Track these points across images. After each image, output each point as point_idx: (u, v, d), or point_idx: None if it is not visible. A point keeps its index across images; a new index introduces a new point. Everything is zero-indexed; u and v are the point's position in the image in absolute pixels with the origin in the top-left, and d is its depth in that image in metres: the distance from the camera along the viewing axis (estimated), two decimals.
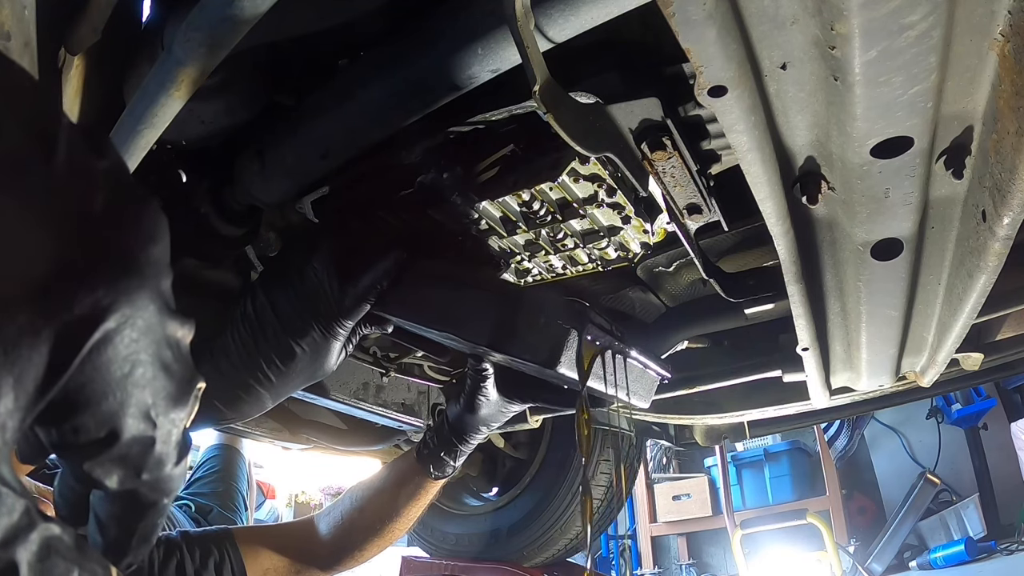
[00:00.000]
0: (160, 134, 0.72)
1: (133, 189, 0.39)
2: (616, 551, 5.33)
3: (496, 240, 0.96)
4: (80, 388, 0.35)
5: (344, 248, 0.93)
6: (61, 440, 0.37)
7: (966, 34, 0.49)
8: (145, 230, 0.38)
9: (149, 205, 0.39)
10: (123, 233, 0.37)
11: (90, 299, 0.34)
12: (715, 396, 1.48)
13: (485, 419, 1.12)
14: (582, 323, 0.80)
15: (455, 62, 0.71)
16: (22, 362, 0.32)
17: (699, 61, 0.52)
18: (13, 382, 0.32)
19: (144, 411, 0.38)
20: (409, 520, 1.25)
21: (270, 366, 0.91)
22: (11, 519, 0.31)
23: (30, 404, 0.33)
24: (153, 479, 0.41)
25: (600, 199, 0.85)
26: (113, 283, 0.35)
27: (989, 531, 3.59)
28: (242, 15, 0.58)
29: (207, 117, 0.84)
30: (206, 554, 1.13)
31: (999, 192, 0.58)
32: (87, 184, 0.36)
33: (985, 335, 1.25)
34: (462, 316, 0.87)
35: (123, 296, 0.36)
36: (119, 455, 0.38)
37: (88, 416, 0.36)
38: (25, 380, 0.32)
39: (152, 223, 0.38)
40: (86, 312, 0.34)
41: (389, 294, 0.91)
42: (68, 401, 0.35)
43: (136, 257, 0.37)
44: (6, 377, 0.31)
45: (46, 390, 0.34)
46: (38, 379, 0.33)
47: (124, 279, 0.36)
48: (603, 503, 1.99)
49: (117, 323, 0.36)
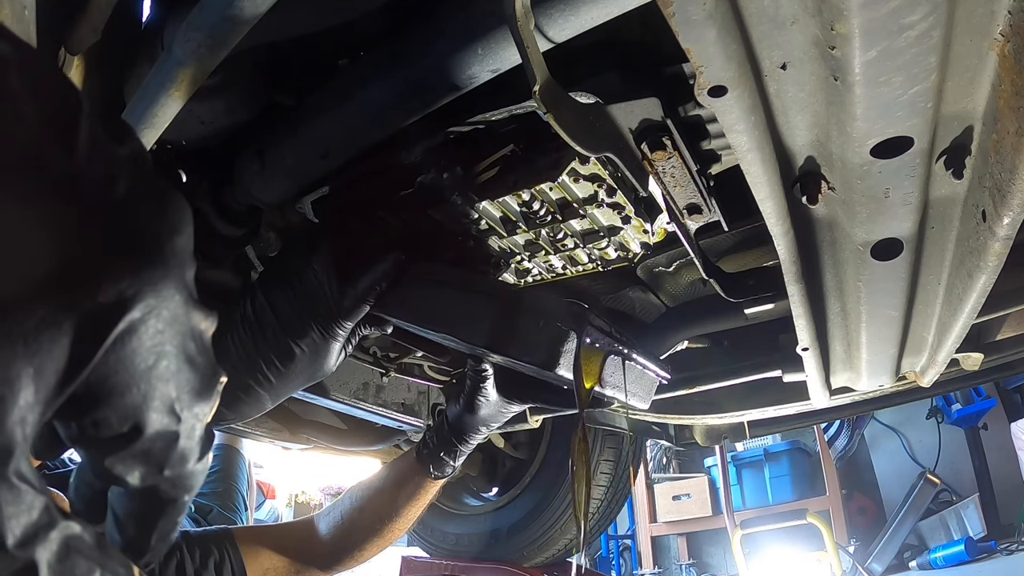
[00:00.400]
0: (160, 134, 0.72)
1: (156, 177, 0.37)
2: (616, 551, 5.33)
3: (496, 240, 0.96)
4: (103, 380, 0.34)
5: (344, 249, 0.93)
6: (81, 434, 0.36)
7: (966, 34, 0.49)
8: (170, 219, 0.37)
9: (173, 194, 0.37)
10: (147, 222, 0.36)
11: (115, 289, 0.33)
12: (715, 396, 1.48)
13: (485, 419, 1.12)
14: (581, 325, 0.80)
15: (455, 62, 0.71)
16: (43, 354, 0.31)
17: (699, 61, 0.52)
18: (33, 374, 0.30)
19: (168, 405, 0.37)
20: (409, 520, 1.25)
21: (270, 367, 0.91)
22: (30, 517, 0.30)
23: (51, 397, 0.32)
24: (175, 475, 0.39)
25: (600, 199, 0.85)
26: (138, 273, 0.34)
27: (989, 531, 3.59)
28: (242, 15, 0.58)
29: (207, 117, 0.84)
30: (206, 554, 1.13)
31: (999, 192, 0.58)
32: (109, 172, 0.34)
33: (985, 335, 1.25)
34: (461, 318, 0.87)
35: (148, 286, 0.34)
36: (141, 450, 0.37)
37: (110, 410, 0.35)
38: (46, 373, 0.31)
39: (176, 212, 0.37)
40: (110, 302, 0.33)
41: (388, 295, 0.91)
42: (90, 394, 0.34)
43: (161, 246, 0.35)
44: (26, 369, 0.30)
45: (68, 383, 0.32)
46: (59, 372, 0.32)
47: (149, 269, 0.34)
48: (602, 503, 1.99)
49: (142, 313, 0.34)
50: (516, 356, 0.84)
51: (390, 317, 0.93)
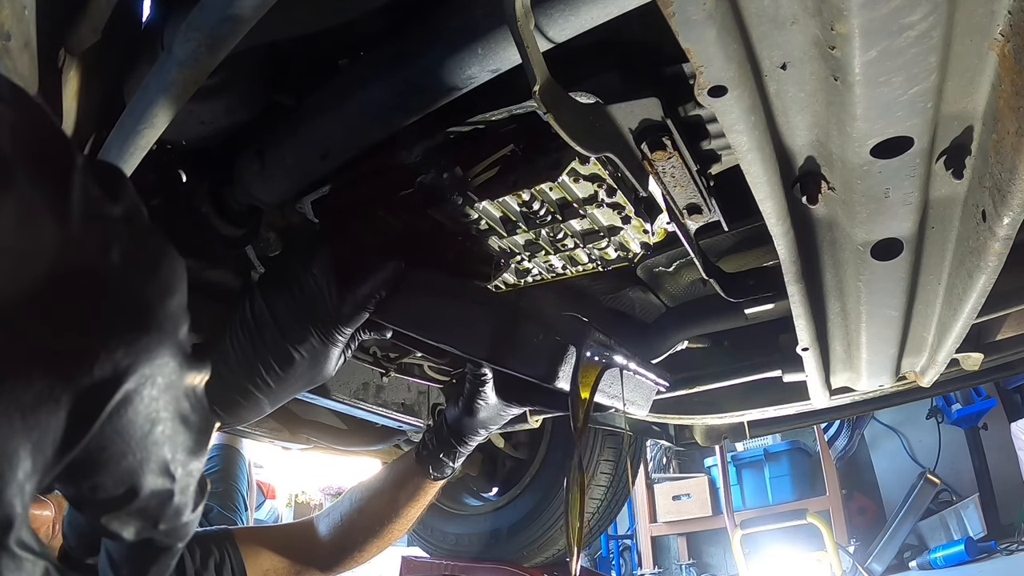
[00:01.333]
0: (160, 134, 0.72)
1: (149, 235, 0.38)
2: (616, 551, 5.33)
3: (496, 240, 0.96)
4: (100, 449, 0.35)
5: (344, 255, 0.92)
6: (79, 496, 0.37)
7: (966, 34, 0.49)
8: (163, 281, 0.37)
9: (166, 252, 0.38)
10: (141, 287, 0.36)
11: (110, 362, 0.34)
12: (715, 396, 1.48)
13: (484, 422, 1.12)
14: (581, 340, 0.80)
15: (455, 62, 0.71)
16: (40, 428, 0.32)
17: (699, 61, 0.52)
18: (32, 448, 0.31)
19: (163, 467, 0.38)
20: (408, 521, 1.25)
21: (269, 372, 0.91)
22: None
23: (48, 467, 0.33)
24: (170, 528, 0.41)
25: (600, 199, 0.85)
26: (133, 344, 0.35)
27: (989, 531, 3.59)
28: (242, 15, 0.58)
29: (207, 117, 0.84)
30: (206, 554, 1.13)
31: (999, 192, 0.58)
32: (103, 235, 0.35)
33: (985, 335, 1.25)
34: (461, 328, 0.88)
35: (142, 355, 0.35)
36: (137, 509, 0.38)
37: (107, 475, 0.36)
38: (44, 445, 0.32)
39: (170, 272, 0.38)
40: (106, 376, 0.34)
41: (388, 303, 0.91)
42: (87, 461, 0.35)
43: (155, 313, 0.36)
44: (24, 443, 0.31)
45: (65, 453, 0.33)
46: (56, 443, 0.33)
47: (144, 337, 0.35)
48: (602, 503, 1.99)
49: (136, 384, 0.35)
50: (515, 368, 0.84)
51: (390, 324, 0.93)
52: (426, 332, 0.90)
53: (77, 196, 0.34)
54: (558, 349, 0.80)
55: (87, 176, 0.35)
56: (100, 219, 0.35)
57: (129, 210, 0.37)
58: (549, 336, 0.81)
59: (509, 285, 1.08)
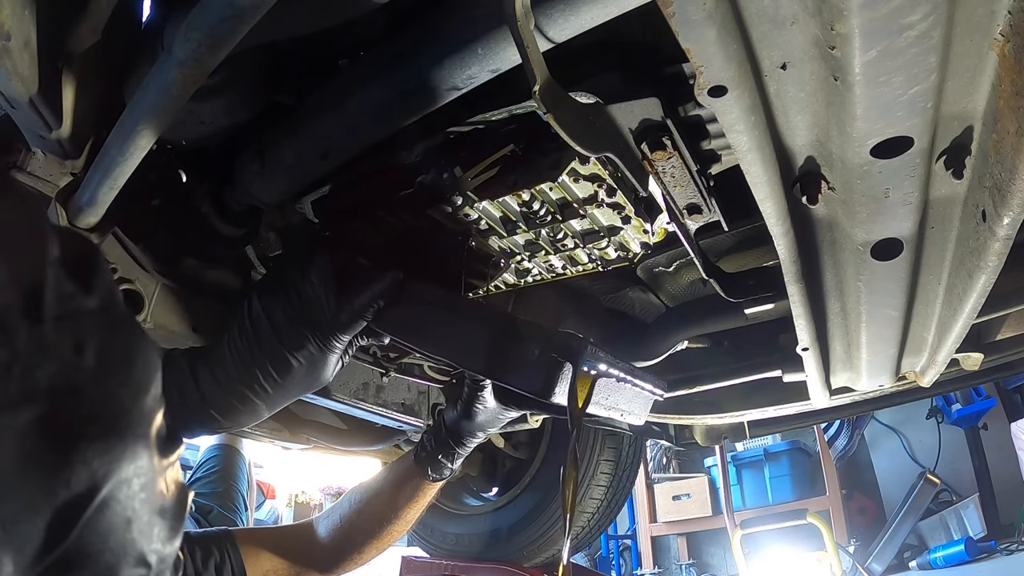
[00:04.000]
0: (160, 134, 0.72)
1: (123, 325, 0.39)
2: (616, 551, 5.33)
3: (496, 240, 0.96)
4: (78, 550, 0.36)
5: (342, 262, 0.92)
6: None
7: (966, 34, 0.49)
8: (138, 379, 0.38)
9: (141, 344, 0.39)
10: (116, 389, 0.37)
11: (87, 472, 0.35)
12: (715, 396, 1.48)
13: (482, 425, 1.12)
14: (577, 358, 0.81)
15: (455, 62, 0.71)
16: (22, 538, 0.33)
17: (699, 61, 0.52)
18: (13, 554, 0.33)
19: (140, 558, 0.39)
20: (408, 522, 1.25)
21: (266, 378, 0.91)
22: None
23: (28, 569, 0.34)
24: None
25: (600, 199, 0.85)
26: (108, 451, 0.36)
27: (989, 531, 3.59)
28: (242, 15, 0.58)
29: (207, 117, 0.84)
30: (206, 554, 1.13)
31: (999, 192, 0.58)
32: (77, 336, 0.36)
33: (985, 335, 1.25)
34: (459, 342, 0.88)
35: (118, 462, 0.36)
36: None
37: (87, 572, 0.37)
38: (25, 551, 0.33)
39: (144, 366, 0.39)
40: (83, 487, 0.35)
41: (387, 313, 0.91)
42: (67, 560, 0.36)
43: (130, 415, 0.37)
44: (6, 551, 0.32)
45: (45, 557, 0.34)
46: (36, 548, 0.34)
47: (119, 444, 0.37)
48: (602, 503, 1.99)
49: (111, 489, 0.36)
50: (512, 384, 0.85)
51: (387, 333, 0.93)
52: (423, 344, 0.91)
53: (50, 294, 0.35)
54: (554, 366, 0.81)
55: (60, 271, 0.35)
56: (73, 319, 0.36)
57: (104, 299, 0.38)
58: (546, 352, 0.82)
59: (509, 285, 1.08)
